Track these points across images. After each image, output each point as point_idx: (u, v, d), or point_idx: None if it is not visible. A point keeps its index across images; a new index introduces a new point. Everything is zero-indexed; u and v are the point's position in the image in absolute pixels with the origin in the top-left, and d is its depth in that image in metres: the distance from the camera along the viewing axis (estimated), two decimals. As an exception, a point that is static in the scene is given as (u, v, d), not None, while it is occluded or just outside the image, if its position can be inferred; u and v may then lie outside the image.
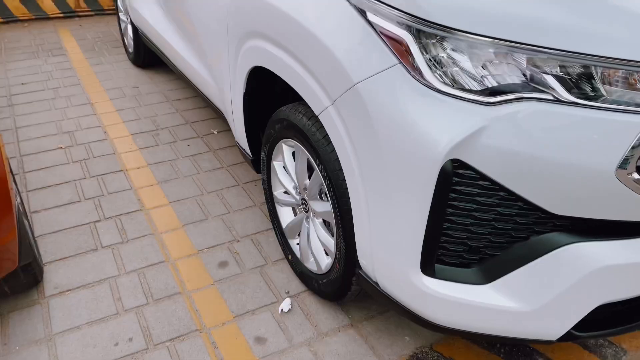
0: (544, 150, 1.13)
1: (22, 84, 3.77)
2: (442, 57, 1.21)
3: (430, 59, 1.22)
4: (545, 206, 1.19)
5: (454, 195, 1.23)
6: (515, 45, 1.13)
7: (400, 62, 1.24)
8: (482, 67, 1.19)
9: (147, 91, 3.71)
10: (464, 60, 1.20)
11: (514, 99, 1.15)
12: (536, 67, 1.14)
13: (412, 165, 1.24)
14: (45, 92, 3.65)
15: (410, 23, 1.22)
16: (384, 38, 1.27)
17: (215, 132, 3.15)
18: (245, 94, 2.01)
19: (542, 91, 1.14)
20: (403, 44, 1.24)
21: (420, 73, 1.22)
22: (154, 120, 3.28)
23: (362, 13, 1.32)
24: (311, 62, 1.48)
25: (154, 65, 4.05)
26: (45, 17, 5.23)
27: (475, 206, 1.23)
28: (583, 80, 1.13)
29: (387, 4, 1.26)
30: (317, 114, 1.52)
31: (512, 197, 1.20)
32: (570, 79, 1.13)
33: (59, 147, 2.93)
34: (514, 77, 1.16)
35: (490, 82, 1.18)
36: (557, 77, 1.13)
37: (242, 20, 1.85)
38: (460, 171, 1.20)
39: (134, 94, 3.65)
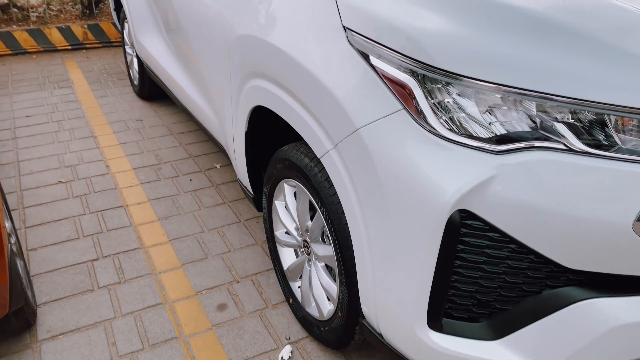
0: (556, 202, 1.07)
1: (27, 116, 3.77)
2: (448, 102, 1.17)
3: (435, 104, 1.18)
4: (558, 260, 1.13)
5: (462, 246, 1.17)
6: (524, 93, 1.08)
7: (404, 108, 1.20)
8: (490, 113, 1.14)
9: (151, 124, 3.70)
10: (470, 105, 1.15)
11: (524, 147, 1.10)
12: (546, 114, 1.10)
13: (417, 215, 1.18)
14: (49, 124, 3.64)
15: (414, 68, 1.18)
16: (387, 82, 1.23)
17: (218, 166, 3.11)
18: (247, 132, 1.97)
19: (553, 140, 1.09)
20: (407, 88, 1.20)
21: (425, 119, 1.17)
22: (157, 154, 3.25)
23: (365, 57, 1.29)
24: (313, 105, 1.44)
25: (158, 98, 4.05)
26: (53, 50, 5.29)
27: (484, 259, 1.17)
28: (596, 129, 1.08)
29: (391, 48, 1.23)
30: (319, 157, 1.47)
31: (524, 250, 1.14)
32: (582, 127, 1.08)
33: (60, 182, 2.90)
34: (523, 124, 1.11)
35: (498, 129, 1.13)
36: (568, 124, 1.08)
37: (244, 59, 1.82)
38: (469, 222, 1.15)
39: (137, 127, 3.64)
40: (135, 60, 3.99)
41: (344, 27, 1.36)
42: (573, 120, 1.09)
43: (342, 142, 1.34)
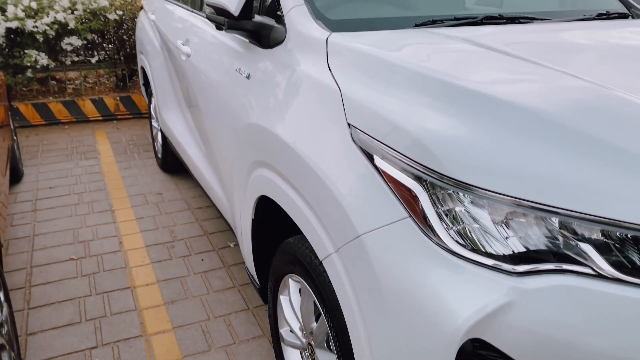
0: (582, 336, 0.92)
1: (50, 187, 3.81)
2: (459, 211, 1.05)
3: (444, 212, 1.06)
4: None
5: (475, 380, 1.01)
6: (546, 209, 0.96)
7: (410, 216, 1.09)
8: (506, 226, 1.01)
9: (170, 198, 3.67)
10: (484, 216, 1.03)
11: (545, 270, 0.96)
12: (571, 231, 0.96)
13: (424, 338, 1.04)
14: (70, 196, 3.65)
15: (421, 174, 1.08)
16: (392, 186, 1.13)
17: (231, 245, 3.02)
18: (254, 220, 1.88)
19: (579, 262, 0.95)
20: (413, 195, 1.09)
21: (433, 230, 1.05)
22: (172, 231, 3.19)
23: (369, 157, 1.20)
24: (315, 203, 1.34)
25: (180, 171, 4.05)
26: (85, 120, 5.44)
27: (501, 395, 1.01)
28: (630, 251, 0.93)
29: (396, 150, 1.13)
30: (320, 259, 1.36)
31: (548, 388, 0.97)
32: (612, 249, 0.94)
33: (71, 259, 2.85)
34: (544, 242, 0.98)
35: (516, 246, 1.00)
36: (596, 245, 0.95)
37: (252, 147, 1.76)
38: (483, 352, 0.99)
39: (156, 201, 3.61)
40: (159, 134, 4.04)
41: (348, 124, 1.29)
42: (602, 238, 0.95)
43: (344, 247, 1.22)
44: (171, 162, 3.97)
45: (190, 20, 2.80)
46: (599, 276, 0.93)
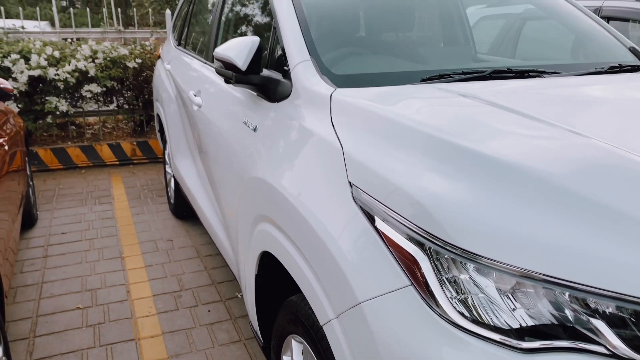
0: None
1: (62, 233, 3.82)
2: (463, 279, 1.00)
3: (447, 280, 1.01)
4: None
5: None
6: (557, 282, 0.90)
7: (412, 284, 1.03)
8: (513, 298, 0.96)
9: (181, 245, 3.65)
10: (489, 285, 0.98)
11: (555, 348, 0.89)
12: (583, 306, 0.90)
13: (426, 418, 0.97)
14: (81, 242, 3.65)
15: (424, 240, 1.03)
16: (394, 251, 1.08)
17: (239, 295, 2.96)
18: (257, 275, 1.84)
19: (591, 339, 0.88)
20: (414, 261, 1.04)
21: (435, 301, 1.00)
22: (180, 280, 3.14)
23: (370, 218, 1.16)
24: (316, 263, 1.30)
25: (191, 217, 4.04)
26: (102, 165, 5.52)
27: None
28: (646, 328, 0.87)
29: (399, 212, 1.09)
30: (321, 324, 1.30)
31: None
32: (627, 326, 0.87)
33: (78, 308, 2.81)
34: (553, 316, 0.92)
35: (523, 319, 0.93)
36: (610, 321, 0.88)
37: (255, 201, 1.74)
38: None
39: (166, 248, 3.59)
40: (172, 180, 4.06)
41: (349, 182, 1.25)
42: (617, 313, 0.89)
43: (345, 313, 1.17)
44: (183, 208, 3.97)
45: (202, 71, 2.85)
46: (613, 356, 0.86)
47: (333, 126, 1.45)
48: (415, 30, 2.36)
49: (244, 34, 2.46)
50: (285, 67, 1.82)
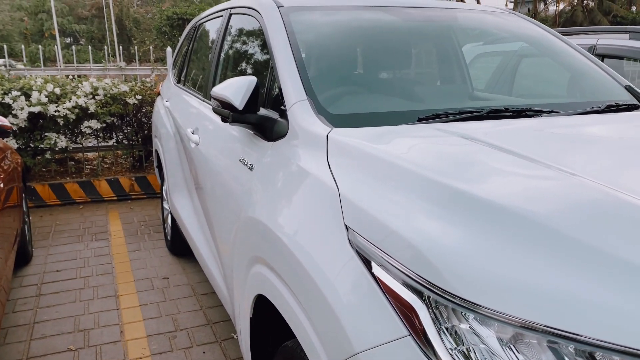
0: None
1: (57, 270, 3.76)
2: (462, 329, 0.96)
3: (446, 330, 0.97)
4: None
5: None
6: (562, 334, 0.86)
7: (410, 334, 1.00)
8: (515, 349, 0.92)
9: (177, 283, 3.58)
10: (490, 336, 0.94)
11: (561, 406, 0.85)
12: (589, 359, 0.86)
13: None
14: (76, 281, 3.59)
15: (422, 288, 1.00)
16: (391, 299, 1.05)
17: (235, 336, 2.89)
18: (252, 319, 1.79)
19: (599, 396, 0.84)
20: (412, 310, 1.00)
21: (434, 351, 0.96)
22: (175, 319, 3.08)
23: (367, 263, 1.12)
24: (311, 309, 1.26)
25: (188, 254, 3.98)
26: (100, 200, 5.49)
27: None
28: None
29: (396, 258, 1.06)
30: (318, 375, 1.25)
31: None
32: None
33: (69, 349, 2.74)
34: (558, 369, 0.88)
35: (528, 373, 0.89)
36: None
37: (250, 242, 1.70)
38: None
39: (162, 286, 3.53)
40: (169, 216, 4.02)
41: (345, 225, 1.23)
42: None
43: (341, 363, 1.12)
44: (180, 245, 3.92)
45: (200, 109, 2.86)
46: (623, 415, 0.82)
47: (329, 167, 1.43)
48: (412, 68, 2.37)
49: (242, 73, 2.47)
50: (282, 107, 1.81)
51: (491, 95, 2.78)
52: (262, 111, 1.89)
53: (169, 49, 6.26)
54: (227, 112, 1.88)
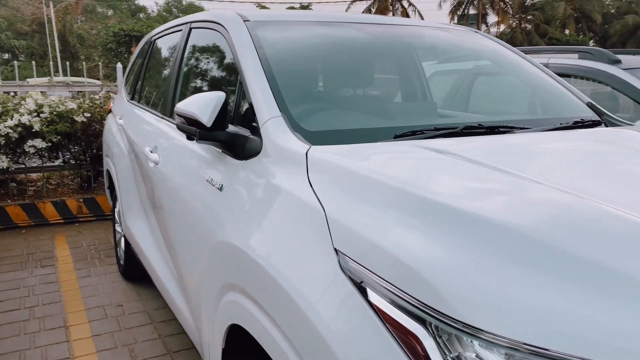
0: None
1: (-2, 301, 3.47)
2: (469, 357, 0.90)
3: (452, 360, 0.91)
4: None
5: None
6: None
7: (414, 365, 0.92)
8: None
9: (132, 310, 3.38)
10: (498, 362, 0.88)
11: None
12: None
13: None
14: (19, 312, 3.32)
15: (425, 316, 0.93)
16: (390, 328, 0.97)
17: (199, 366, 2.73)
18: (224, 350, 1.67)
19: None
20: (416, 340, 0.93)
21: (442, 384, 0.89)
22: (132, 350, 2.88)
23: (362, 290, 1.05)
24: (297, 341, 1.16)
25: (143, 280, 3.77)
26: (45, 224, 5.17)
27: None
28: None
29: (396, 285, 0.99)
30: (306, 412, 1.15)
31: None
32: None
33: (14, 389, 2.50)
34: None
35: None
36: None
37: (223, 268, 1.60)
38: None
39: (116, 314, 3.31)
40: (122, 239, 3.81)
41: (335, 249, 1.15)
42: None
43: (335, 400, 1.04)
44: (134, 270, 3.72)
45: (159, 126, 2.72)
46: None
47: (311, 186, 1.35)
48: (383, 84, 2.34)
49: (206, 89, 2.37)
50: (254, 124, 1.73)
51: (456, 112, 2.79)
52: (232, 128, 1.80)
53: (119, 65, 6.05)
54: (193, 129, 1.77)
